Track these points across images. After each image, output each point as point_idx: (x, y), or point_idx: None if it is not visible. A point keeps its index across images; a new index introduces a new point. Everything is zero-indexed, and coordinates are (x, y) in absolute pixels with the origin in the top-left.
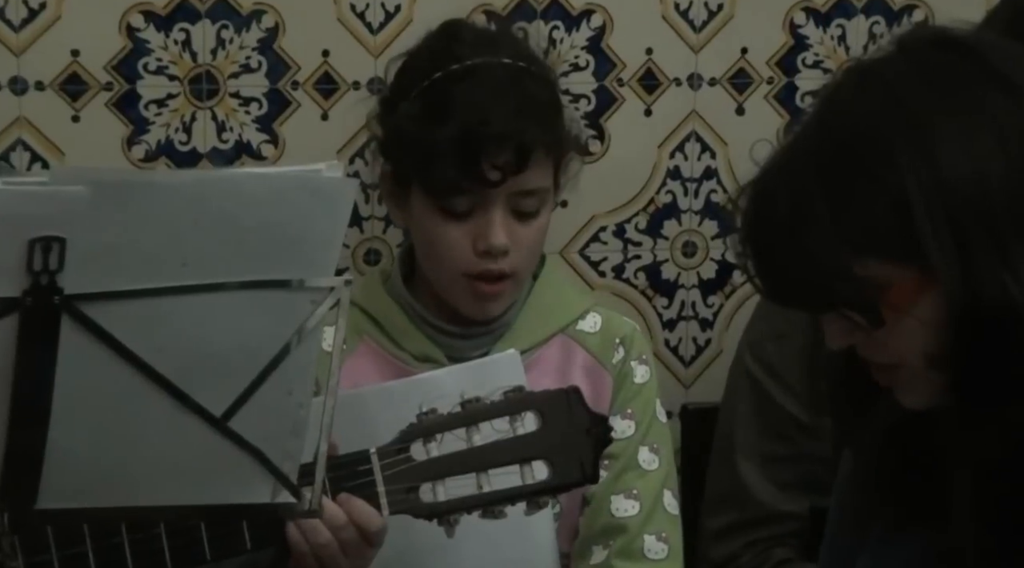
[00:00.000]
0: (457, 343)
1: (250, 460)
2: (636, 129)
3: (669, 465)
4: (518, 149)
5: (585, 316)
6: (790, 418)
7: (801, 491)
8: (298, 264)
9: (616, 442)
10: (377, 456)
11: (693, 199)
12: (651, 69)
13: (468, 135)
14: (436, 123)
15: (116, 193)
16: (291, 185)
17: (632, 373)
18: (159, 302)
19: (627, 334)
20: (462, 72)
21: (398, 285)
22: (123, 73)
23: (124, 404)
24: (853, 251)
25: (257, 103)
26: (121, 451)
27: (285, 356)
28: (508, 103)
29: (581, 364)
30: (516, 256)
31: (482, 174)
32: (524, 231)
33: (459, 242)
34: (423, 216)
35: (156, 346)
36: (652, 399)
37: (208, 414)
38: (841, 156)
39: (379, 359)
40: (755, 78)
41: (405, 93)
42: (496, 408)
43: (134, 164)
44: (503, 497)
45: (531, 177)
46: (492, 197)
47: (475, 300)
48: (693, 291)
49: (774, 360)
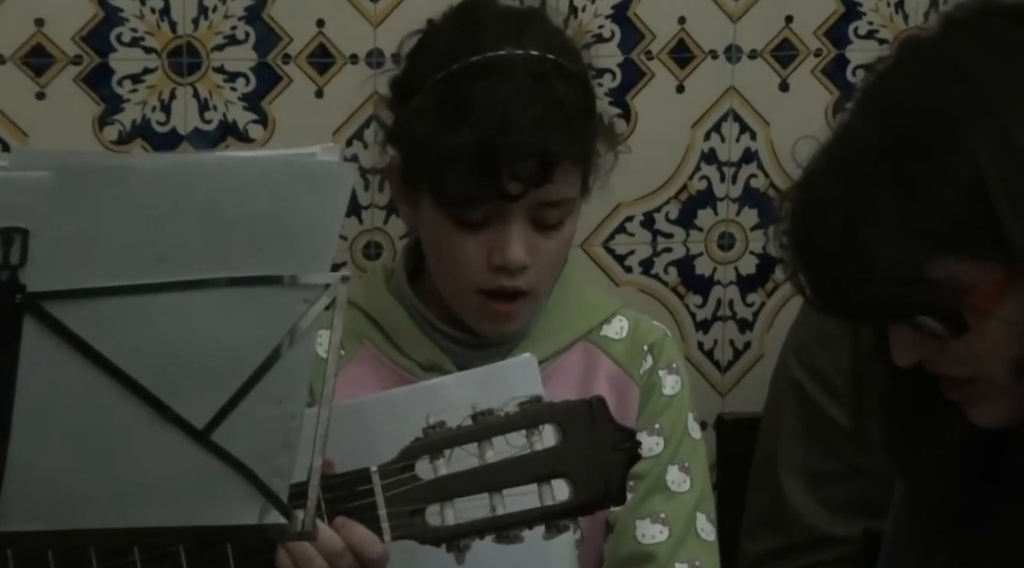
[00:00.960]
0: (468, 351)
1: (235, 477)
2: (667, 107)
3: (703, 486)
4: (542, 160)
5: (610, 320)
6: (840, 431)
7: (853, 512)
8: (289, 259)
9: (642, 461)
10: (378, 474)
11: (731, 185)
12: (684, 40)
13: (485, 143)
14: (450, 126)
15: (85, 179)
16: (281, 171)
17: (660, 383)
18: (134, 301)
19: (656, 340)
20: (482, 66)
21: (402, 284)
22: (94, 45)
23: (94, 415)
24: (925, 250)
25: (244, 79)
26: (91, 468)
27: (275, 361)
28: (532, 107)
29: (605, 374)
30: (535, 272)
31: (501, 187)
32: (546, 244)
33: (472, 255)
34: (433, 223)
35: (130, 350)
36: (683, 412)
37: (189, 426)
38: (904, 143)
39: (380, 367)
40: (801, 50)
41: (419, 82)
42: (511, 421)
43: (106, 147)
44: (519, 520)
45: (556, 188)
46: (511, 209)
47: (487, 319)
48: (730, 288)
49: (822, 366)
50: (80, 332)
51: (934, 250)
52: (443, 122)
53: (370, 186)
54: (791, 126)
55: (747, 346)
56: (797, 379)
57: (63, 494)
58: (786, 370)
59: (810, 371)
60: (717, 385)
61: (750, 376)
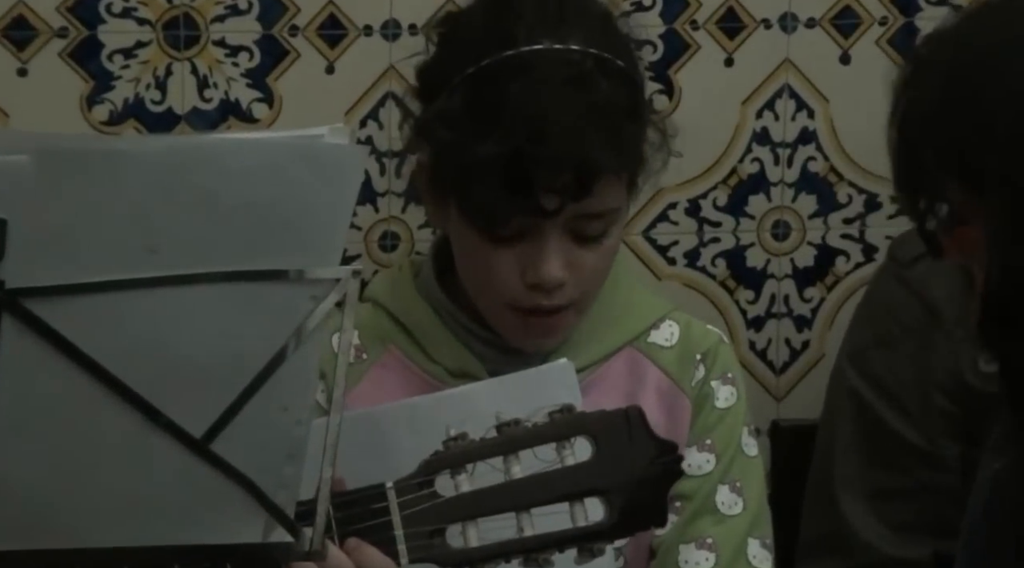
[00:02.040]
0: (502, 357)
1: (236, 490)
2: (714, 83)
3: (757, 509)
4: (580, 171)
5: (659, 325)
6: (904, 444)
7: (921, 533)
8: (295, 251)
9: (689, 479)
10: (395, 491)
11: (786, 169)
12: (733, 8)
13: (518, 153)
14: (478, 132)
15: (67, 164)
16: (285, 154)
17: (713, 395)
18: (123, 297)
19: (709, 347)
20: (516, 64)
21: (431, 283)
22: (81, 16)
23: (80, 422)
24: None
25: (247, 53)
26: (77, 480)
27: (279, 364)
28: (570, 113)
29: (654, 385)
30: (575, 285)
31: (535, 202)
32: (586, 257)
33: (505, 270)
34: (463, 233)
35: (119, 351)
36: (737, 427)
37: (184, 434)
38: None
39: (406, 373)
40: (864, 18)
41: (446, 77)
42: (540, 433)
43: (96, 128)
44: (549, 542)
45: (598, 200)
46: (548, 222)
47: (525, 334)
48: (786, 282)
49: (881, 372)
50: (64, 331)
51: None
52: (470, 127)
53: (387, 171)
54: (852, 103)
55: (805, 346)
56: (854, 387)
57: (44, 509)
58: (842, 377)
59: (868, 378)
60: (771, 389)
61: (808, 379)
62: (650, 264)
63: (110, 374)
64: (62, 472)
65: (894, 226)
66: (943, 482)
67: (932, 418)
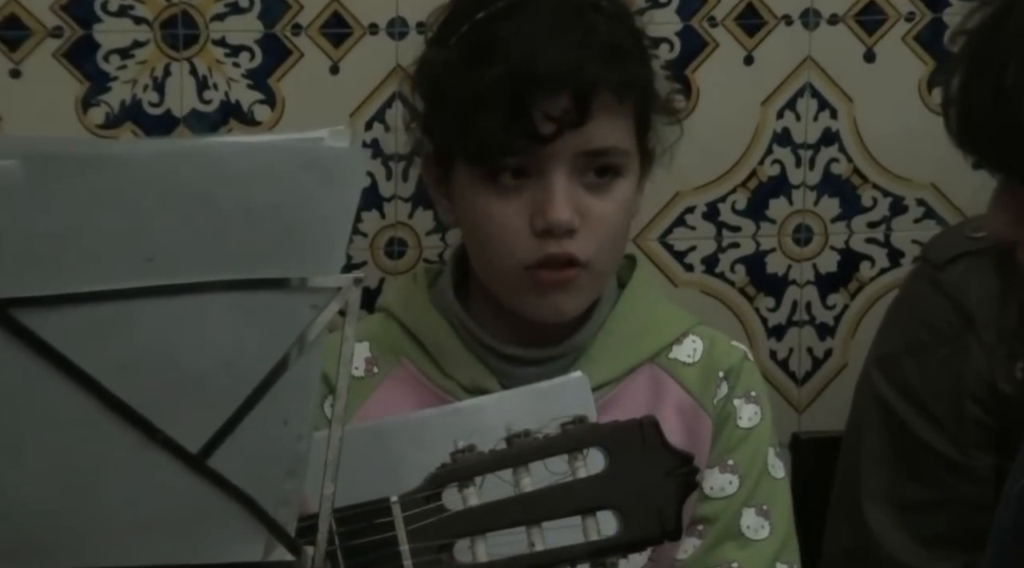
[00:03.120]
0: (518, 370)
1: (235, 507)
2: (734, 82)
3: (785, 533)
4: (577, 92)
5: (682, 340)
6: (935, 455)
7: (952, 547)
8: (295, 258)
9: (712, 501)
10: (400, 505)
11: (808, 171)
12: (752, 4)
13: (512, 76)
14: (475, 67)
15: (59, 169)
16: (285, 158)
17: (735, 414)
18: (118, 308)
19: (733, 365)
20: (510, 7)
21: (448, 294)
22: (76, 15)
23: (74, 439)
24: None
25: (248, 53)
26: (71, 498)
27: (279, 376)
28: (565, 36)
29: (675, 403)
30: (587, 239)
31: (532, 126)
32: (596, 205)
33: (513, 221)
34: (469, 195)
35: (115, 364)
36: (763, 448)
37: (182, 450)
38: None
39: (419, 388)
40: (890, 14)
41: (444, 42)
42: (551, 444)
43: (91, 131)
44: (561, 557)
45: (599, 132)
46: (551, 159)
47: (540, 295)
48: (808, 288)
49: (912, 380)
50: (56, 344)
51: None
52: (467, 65)
53: (393, 175)
54: (878, 103)
55: (827, 355)
56: (882, 395)
57: (37, 529)
58: (870, 384)
59: (898, 386)
60: (793, 400)
61: (831, 389)
62: (667, 270)
63: (105, 388)
64: (57, 491)
65: (921, 230)
66: (975, 494)
67: (965, 428)
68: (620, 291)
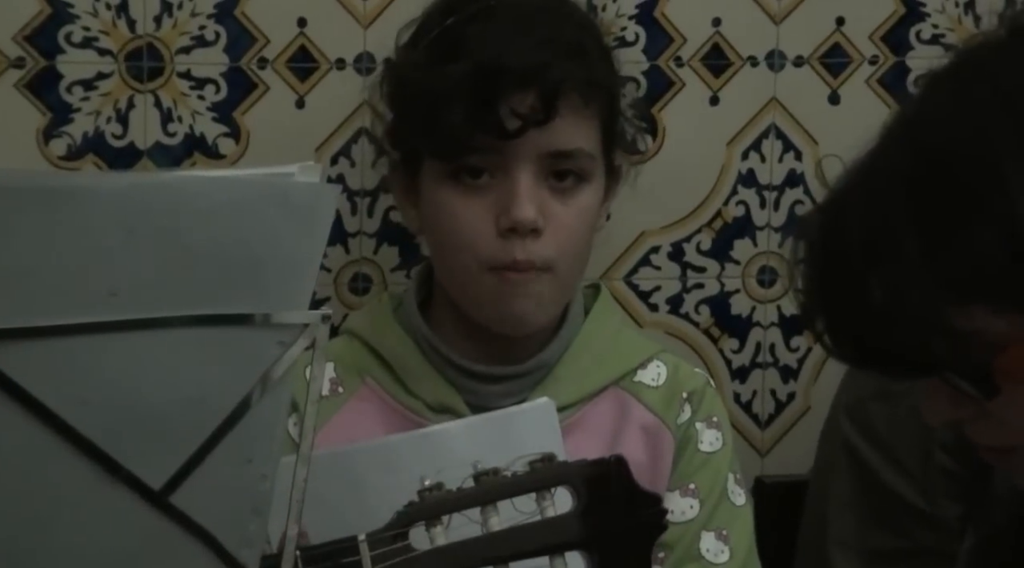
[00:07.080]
0: (483, 388)
1: (198, 547)
2: (699, 122)
3: (745, 559)
4: (543, 89)
5: (647, 365)
6: (903, 503)
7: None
8: (262, 294)
9: (672, 526)
10: (367, 544)
11: (772, 212)
12: (719, 45)
13: (479, 71)
14: (442, 64)
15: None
16: (253, 193)
17: (697, 437)
18: (81, 342)
19: (696, 389)
20: (479, 12)
21: (412, 313)
22: (39, 45)
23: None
24: (954, 298)
25: (213, 86)
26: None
27: (244, 413)
28: (532, 35)
29: (638, 422)
30: (551, 243)
31: (498, 121)
32: (561, 210)
33: (478, 220)
34: (435, 195)
35: (76, 399)
36: (723, 473)
37: (144, 487)
38: (936, 175)
39: (383, 408)
40: (854, 57)
41: (414, 46)
42: (519, 483)
43: (53, 163)
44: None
45: (565, 132)
46: (516, 158)
47: (502, 297)
48: (772, 330)
49: (879, 426)
50: (16, 378)
51: (963, 299)
52: (435, 63)
53: (358, 210)
54: (842, 144)
55: (791, 398)
56: (850, 441)
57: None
58: (837, 430)
59: (866, 432)
60: (756, 443)
61: (794, 432)
62: (631, 310)
63: (66, 423)
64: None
65: None
66: (943, 544)
67: (932, 477)
68: (586, 316)
